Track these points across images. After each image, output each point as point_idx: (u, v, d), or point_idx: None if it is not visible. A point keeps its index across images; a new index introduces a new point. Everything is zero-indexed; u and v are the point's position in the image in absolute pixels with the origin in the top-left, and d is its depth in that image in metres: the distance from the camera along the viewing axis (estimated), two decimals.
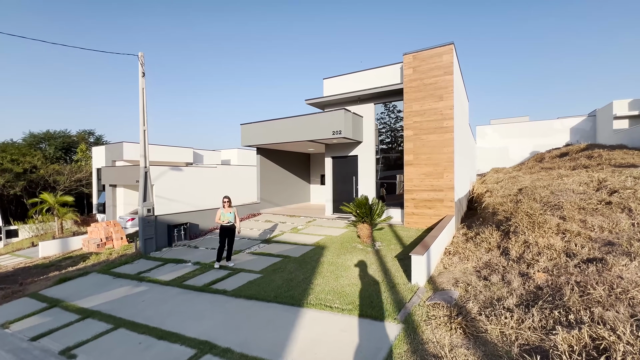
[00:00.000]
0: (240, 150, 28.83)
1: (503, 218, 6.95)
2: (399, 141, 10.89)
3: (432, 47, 9.33)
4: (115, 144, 19.56)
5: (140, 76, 8.75)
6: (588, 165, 11.39)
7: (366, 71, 11.41)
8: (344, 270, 5.75)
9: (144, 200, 8.76)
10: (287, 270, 5.99)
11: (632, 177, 7.20)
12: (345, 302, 4.23)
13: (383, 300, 4.18)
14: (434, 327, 3.34)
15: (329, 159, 12.18)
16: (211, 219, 10.98)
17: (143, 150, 8.80)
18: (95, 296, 5.72)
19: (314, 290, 4.80)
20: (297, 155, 15.95)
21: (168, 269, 7.07)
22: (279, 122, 11.52)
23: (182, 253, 8.40)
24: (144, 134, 8.82)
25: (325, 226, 10.21)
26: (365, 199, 7.49)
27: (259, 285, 5.29)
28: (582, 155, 13.43)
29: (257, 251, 7.83)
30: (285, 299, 4.55)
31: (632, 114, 19.61)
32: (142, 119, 8.79)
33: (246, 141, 12.51)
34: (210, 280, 5.87)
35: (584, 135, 23.43)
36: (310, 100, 11.94)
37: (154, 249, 8.92)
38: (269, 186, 13.90)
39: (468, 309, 3.54)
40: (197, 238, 10.08)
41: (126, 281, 6.53)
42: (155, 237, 8.97)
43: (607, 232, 4.92)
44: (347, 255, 6.77)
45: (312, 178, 17.14)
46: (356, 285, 4.88)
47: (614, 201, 5.74)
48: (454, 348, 2.89)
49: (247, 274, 6.12)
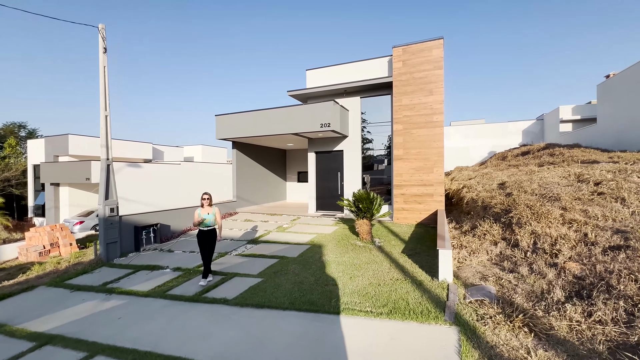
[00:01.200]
0: (205, 147, 26.95)
1: (500, 211, 7.01)
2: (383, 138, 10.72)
3: (422, 41, 9.27)
4: (59, 137, 16.95)
5: (102, 52, 7.43)
6: (553, 162, 12.30)
7: (351, 64, 11.07)
8: (355, 269, 5.28)
9: (106, 198, 7.45)
10: (290, 273, 5.36)
11: (605, 170, 7.75)
12: (377, 305, 3.76)
13: (418, 301, 3.79)
14: (493, 328, 3.03)
15: (312, 154, 11.64)
16: (184, 219, 9.83)
17: (105, 140, 7.47)
18: (50, 316, 4.57)
19: (334, 294, 4.26)
20: (273, 151, 15.15)
21: (142, 277, 6.01)
22: (260, 114, 10.70)
23: (154, 258, 7.28)
24: (105, 120, 7.50)
25: (312, 224, 9.66)
26: (365, 193, 7.10)
27: (265, 291, 4.60)
28: (544, 153, 14.54)
29: (245, 252, 7.04)
30: (305, 305, 3.95)
31: (575, 118, 21.92)
32: (103, 102, 7.46)
33: (221, 134, 11.47)
34: (201, 288, 5.02)
35: (533, 137, 25.70)
36: (292, 92, 11.29)
37: (118, 254, 7.64)
38: (245, 184, 12.95)
39: (519, 305, 3.30)
40: (169, 241, 8.91)
41: (89, 294, 5.38)
42: (119, 240, 7.69)
43: (612, 221, 5.08)
44: (350, 253, 6.32)
45: (289, 175, 16.45)
46: (378, 285, 4.44)
47: (606, 192, 6.04)
48: (531, 351, 2.58)
49: (244, 278, 5.36)
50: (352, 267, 5.40)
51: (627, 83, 14.81)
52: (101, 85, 7.45)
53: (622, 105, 15.05)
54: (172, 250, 7.89)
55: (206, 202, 5.46)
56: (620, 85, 15.29)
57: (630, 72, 14.66)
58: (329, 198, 11.43)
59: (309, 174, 11.67)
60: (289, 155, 16.36)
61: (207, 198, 5.49)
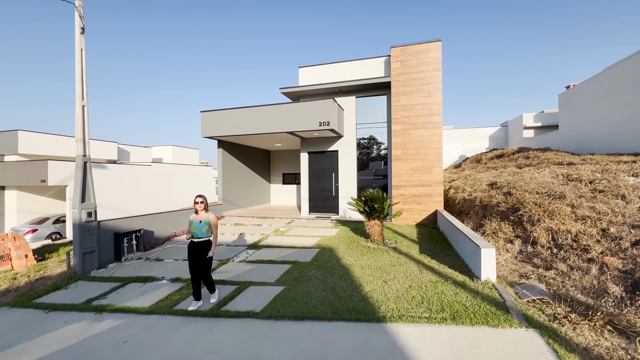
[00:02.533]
0: (175, 148, 25.21)
1: (505, 209, 7.14)
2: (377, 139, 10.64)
3: (420, 43, 9.34)
4: (5, 133, 14.76)
5: (79, 33, 6.45)
6: (530, 164, 13.09)
7: (346, 63, 10.90)
8: (383, 272, 4.98)
9: (82, 201, 6.42)
10: (313, 278, 4.91)
11: (591, 170, 8.29)
12: (433, 310, 3.48)
13: (474, 303, 3.57)
14: (572, 328, 2.89)
15: (305, 154, 11.22)
16: (168, 224, 8.89)
17: (82, 133, 6.47)
18: (28, 344, 3.69)
19: (378, 299, 3.91)
20: (257, 152, 14.47)
21: (135, 291, 5.19)
22: (251, 111, 10.09)
23: (142, 268, 6.40)
24: (82, 110, 6.51)
25: (310, 227, 9.23)
26: (378, 193, 6.86)
27: (296, 300, 4.12)
28: (519, 156, 15.49)
29: (250, 259, 6.44)
30: (352, 314, 3.55)
31: (536, 125, 23.80)
32: (80, 90, 6.47)
33: (208, 131, 10.64)
34: (216, 301, 4.40)
35: (499, 142, 27.53)
36: (285, 89, 10.83)
37: (96, 265, 6.62)
38: (232, 186, 12.15)
39: (583, 302, 3.21)
40: (153, 248, 7.96)
41: (72, 315, 4.49)
42: (97, 249, 6.68)
43: (621, 217, 5.33)
44: (367, 255, 6.01)
45: (273, 177, 15.81)
46: (419, 289, 4.17)
47: (605, 190, 6.39)
48: (629, 350, 2.45)
49: (262, 287, 4.82)
50: (379, 270, 5.09)
51: (585, 93, 16.31)
52: (77, 70, 6.46)
53: (581, 113, 16.54)
54: (161, 258, 7.02)
55: (200, 207, 4.42)
56: (580, 95, 16.81)
57: (588, 84, 16.16)
58: (323, 200, 11.07)
59: (302, 175, 11.22)
60: (273, 156, 15.74)
61: (201, 201, 4.43)
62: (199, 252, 4.30)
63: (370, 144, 10.83)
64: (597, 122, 15.04)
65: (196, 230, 4.32)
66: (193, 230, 4.32)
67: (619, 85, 13.75)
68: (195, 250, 4.31)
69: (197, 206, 4.44)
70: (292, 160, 15.36)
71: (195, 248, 4.32)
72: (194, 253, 4.31)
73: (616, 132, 13.70)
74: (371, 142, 10.81)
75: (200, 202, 4.44)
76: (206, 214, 4.48)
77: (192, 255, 4.32)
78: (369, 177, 10.77)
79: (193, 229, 4.33)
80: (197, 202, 4.45)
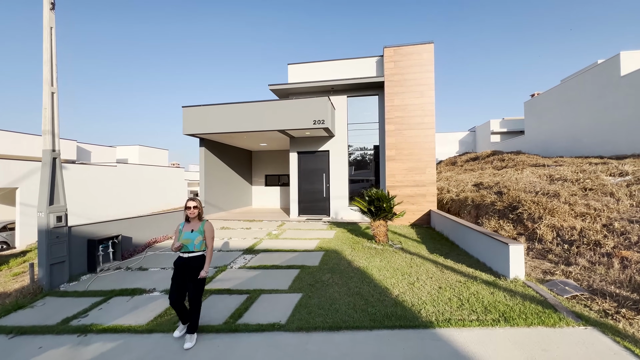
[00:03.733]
0: (142, 148, 23.38)
1: (502, 208, 7.31)
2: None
3: (413, 44, 9.42)
4: None
5: (48, 9, 5.57)
6: (506, 166, 13.80)
7: (336, 61, 10.71)
8: (404, 274, 4.75)
9: (50, 203, 5.50)
10: (331, 283, 4.56)
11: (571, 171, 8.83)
12: (479, 312, 3.29)
13: (517, 302, 3.45)
14: (629, 324, 2.83)
15: (295, 154, 10.82)
16: (148, 229, 8.02)
17: (50, 124, 5.56)
18: None
19: (413, 303, 3.65)
20: (239, 152, 13.77)
21: (123, 307, 4.47)
22: (238, 108, 9.50)
23: (124, 280, 5.61)
24: (51, 98, 5.61)
25: (303, 229, 8.83)
26: (383, 192, 6.66)
27: (321, 308, 3.74)
28: (494, 158, 16.30)
29: (250, 264, 5.92)
30: (392, 321, 3.25)
31: (502, 130, 25.40)
32: (48, 74, 5.57)
33: (190, 128, 9.86)
34: (229, 314, 3.88)
35: (467, 146, 29.03)
36: (274, 86, 10.38)
37: (66, 278, 5.70)
38: (214, 187, 11.38)
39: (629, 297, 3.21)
40: (132, 256, 7.09)
41: (48, 339, 3.72)
42: (68, 259, 5.76)
43: (616, 213, 5.61)
44: (377, 257, 5.78)
45: (255, 179, 15.15)
46: (451, 289, 3.99)
47: (593, 188, 6.76)
48: None
49: (276, 295, 4.36)
50: (397, 271, 4.87)
51: (549, 102, 17.65)
52: (46, 51, 5.56)
53: (545, 119, 17.86)
54: (146, 267, 6.24)
55: (193, 213, 3.39)
56: (544, 103, 18.17)
57: (551, 92, 17.51)
58: (313, 201, 10.72)
59: (291, 175, 10.79)
60: (255, 156, 15.09)
61: (194, 207, 3.40)
62: (188, 270, 3.28)
63: (361, 144, 10.69)
64: (561, 128, 16.31)
65: (187, 241, 3.29)
66: (183, 241, 3.30)
67: (579, 95, 15.01)
68: (184, 268, 3.29)
69: (189, 212, 3.38)
70: (276, 161, 14.84)
71: (184, 265, 3.29)
72: (182, 271, 3.29)
73: (578, 137, 14.91)
74: (363, 142, 10.67)
75: (193, 208, 3.39)
76: (199, 223, 3.44)
77: (179, 274, 3.30)
78: (360, 177, 10.62)
79: (183, 239, 3.30)
80: (188, 207, 3.39)
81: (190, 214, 3.39)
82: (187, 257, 3.32)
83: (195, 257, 3.34)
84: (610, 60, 12.95)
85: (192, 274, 3.29)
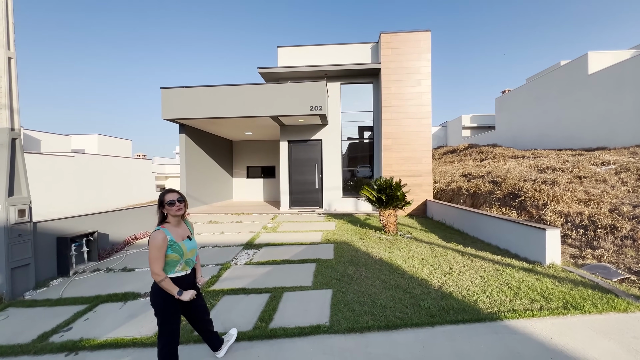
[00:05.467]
0: (102, 137, 21.07)
1: (502, 196, 7.41)
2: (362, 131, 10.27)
3: (410, 31, 9.23)
4: None
5: None
6: (486, 158, 14.33)
7: (329, 46, 10.24)
8: (433, 264, 4.50)
9: (9, 194, 4.49)
10: (362, 277, 4.18)
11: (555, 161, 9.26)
12: (539, 300, 3.10)
13: (570, 288, 3.33)
14: None
15: (285, 143, 10.22)
16: (125, 224, 7.04)
17: (7, 97, 4.49)
18: None
19: (463, 294, 3.37)
20: (220, 141, 12.81)
21: (116, 316, 3.73)
22: (227, 90, 8.68)
23: (108, 284, 4.78)
24: (8, 64, 4.54)
25: (300, 221, 8.36)
26: (390, 181, 6.38)
27: (364, 305, 3.34)
28: (472, 151, 16.88)
29: (255, 260, 5.35)
30: (452, 315, 2.94)
31: (472, 125, 26.59)
32: (4, 35, 4.48)
33: (170, 112, 8.84)
34: (256, 316, 3.35)
35: (439, 140, 30.09)
36: (263, 69, 9.66)
37: (32, 285, 4.72)
38: (195, 179, 10.43)
39: None
40: (110, 256, 6.14)
41: None
42: (34, 262, 4.78)
43: (616, 199, 5.86)
44: (394, 247, 5.50)
45: (236, 170, 14.25)
46: (494, 278, 3.79)
47: (588, 176, 7.06)
48: None
49: (302, 293, 3.89)
50: (424, 261, 4.62)
51: (518, 98, 18.66)
52: (0, 7, 4.47)
53: (515, 115, 18.88)
54: (131, 268, 5.40)
55: (179, 211, 2.26)
56: (513, 100, 19.18)
57: (520, 90, 18.51)
58: (305, 193, 10.23)
59: (281, 166, 10.19)
60: (236, 146, 14.17)
61: (180, 200, 2.29)
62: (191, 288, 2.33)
63: (355, 134, 10.37)
64: (530, 123, 17.32)
65: (190, 254, 2.29)
66: (189, 254, 2.26)
67: (548, 92, 15.99)
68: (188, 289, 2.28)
69: (174, 209, 2.23)
70: (259, 151, 14.06)
71: (187, 288, 2.27)
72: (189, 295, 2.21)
73: (546, 132, 15.91)
74: (357, 131, 10.36)
75: (178, 202, 2.27)
76: (182, 222, 2.37)
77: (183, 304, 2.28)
78: (353, 167, 10.33)
79: (188, 253, 2.25)
80: (172, 203, 2.23)
81: (176, 211, 2.23)
82: (184, 277, 2.28)
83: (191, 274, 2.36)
84: (578, 59, 13.87)
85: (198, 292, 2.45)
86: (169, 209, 2.23)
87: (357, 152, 10.37)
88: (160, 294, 2.17)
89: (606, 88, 12.15)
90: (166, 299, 2.17)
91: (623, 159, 7.77)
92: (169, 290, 2.12)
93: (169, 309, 2.19)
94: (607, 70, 12.21)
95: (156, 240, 2.10)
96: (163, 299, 2.17)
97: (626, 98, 11.20)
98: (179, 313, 2.26)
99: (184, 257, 2.24)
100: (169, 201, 2.23)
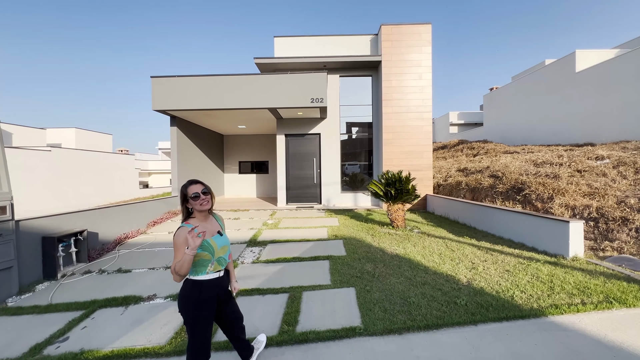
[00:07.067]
0: (80, 131, 19.87)
1: (505, 190, 7.42)
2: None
3: (411, 24, 9.09)
4: None
5: None
6: (478, 153, 14.52)
7: (328, 37, 9.96)
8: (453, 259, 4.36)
9: None
10: (383, 274, 3.98)
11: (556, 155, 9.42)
12: (577, 295, 3.00)
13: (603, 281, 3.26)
14: None
15: (282, 137, 9.89)
16: (115, 222, 6.55)
17: None
18: None
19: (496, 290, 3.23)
20: (212, 135, 12.29)
21: (118, 322, 3.36)
22: (223, 80, 8.25)
23: (104, 286, 4.36)
24: None
25: (301, 217, 8.10)
26: (399, 175, 6.22)
27: (394, 304, 3.14)
28: (463, 147, 17.08)
29: (263, 258, 5.06)
30: (493, 312, 2.79)
31: (459, 122, 27.03)
32: None
33: (160, 103, 8.32)
34: (279, 319, 3.09)
35: None
36: (260, 59, 9.26)
37: (15, 290, 4.25)
38: (188, 174, 9.93)
39: None
40: (101, 256, 5.67)
41: None
42: (17, 264, 4.30)
43: (619, 192, 5.95)
44: (406, 242, 5.35)
45: (227, 165, 13.76)
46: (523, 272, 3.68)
47: (587, 169, 7.18)
48: None
49: (322, 292, 3.65)
50: (445, 257, 4.48)
51: (506, 95, 19.04)
52: None
53: (503, 111, 19.27)
54: (127, 269, 4.98)
55: (205, 205, 1.93)
56: (501, 97, 19.55)
57: (508, 87, 18.88)
58: (303, 188, 9.96)
59: (278, 160, 9.85)
60: (227, 141, 13.67)
61: (204, 192, 1.93)
62: (225, 294, 2.06)
63: (354, 128, 10.17)
64: (518, 119, 17.71)
65: (222, 252, 1.97)
66: (221, 251, 1.95)
67: (535, 89, 16.37)
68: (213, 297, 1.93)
69: (198, 203, 1.91)
70: (252, 146, 13.63)
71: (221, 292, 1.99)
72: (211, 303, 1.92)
73: (533, 128, 16.31)
74: (355, 125, 10.16)
75: (205, 195, 1.94)
76: (210, 216, 2.06)
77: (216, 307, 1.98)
78: (353, 162, 10.14)
79: (218, 252, 1.93)
80: (196, 196, 1.90)
81: (201, 205, 1.92)
82: (215, 280, 1.95)
83: (223, 277, 2.03)
84: (566, 57, 14.22)
85: (228, 294, 2.11)
86: (194, 204, 1.92)
87: (355, 146, 10.17)
88: (192, 298, 1.88)
89: (593, 85, 12.52)
90: (199, 304, 1.88)
91: (617, 154, 7.97)
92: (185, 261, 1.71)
93: (202, 315, 1.90)
94: (594, 68, 12.57)
95: (179, 237, 1.81)
96: (195, 305, 1.87)
97: (613, 95, 11.56)
98: (212, 320, 1.97)
99: (215, 256, 1.93)
100: (193, 194, 1.91)
